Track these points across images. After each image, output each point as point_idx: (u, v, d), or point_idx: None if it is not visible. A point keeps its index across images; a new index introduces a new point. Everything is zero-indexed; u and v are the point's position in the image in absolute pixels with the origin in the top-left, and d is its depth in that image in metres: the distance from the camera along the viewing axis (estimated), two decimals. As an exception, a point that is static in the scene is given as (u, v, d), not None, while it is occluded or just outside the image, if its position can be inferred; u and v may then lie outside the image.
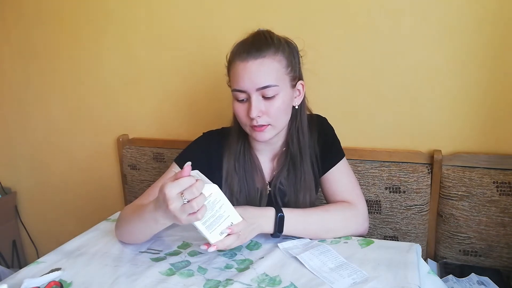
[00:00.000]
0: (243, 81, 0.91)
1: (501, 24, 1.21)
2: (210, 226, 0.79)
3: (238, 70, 0.91)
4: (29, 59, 1.80)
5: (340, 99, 1.39)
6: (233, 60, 0.94)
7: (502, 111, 1.26)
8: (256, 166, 1.05)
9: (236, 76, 0.92)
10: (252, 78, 0.90)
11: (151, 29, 1.57)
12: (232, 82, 0.95)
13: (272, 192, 1.05)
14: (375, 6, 1.30)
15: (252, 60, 0.90)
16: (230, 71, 0.95)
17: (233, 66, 0.93)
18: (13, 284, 0.81)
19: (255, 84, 0.90)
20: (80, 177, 1.87)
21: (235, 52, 0.94)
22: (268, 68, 0.90)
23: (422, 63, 1.30)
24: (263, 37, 0.93)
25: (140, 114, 1.69)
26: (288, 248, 0.91)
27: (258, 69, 0.90)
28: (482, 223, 1.27)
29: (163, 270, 0.86)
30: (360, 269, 0.82)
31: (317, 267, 0.83)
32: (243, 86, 0.91)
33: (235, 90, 0.93)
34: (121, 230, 0.96)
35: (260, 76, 0.90)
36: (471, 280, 1.22)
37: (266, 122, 0.93)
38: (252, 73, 0.90)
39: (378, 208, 1.35)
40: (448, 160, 1.30)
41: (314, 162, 1.04)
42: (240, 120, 0.96)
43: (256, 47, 0.91)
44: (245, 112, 0.93)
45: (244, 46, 0.93)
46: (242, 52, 0.91)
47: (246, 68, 0.90)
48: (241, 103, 0.94)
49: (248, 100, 0.92)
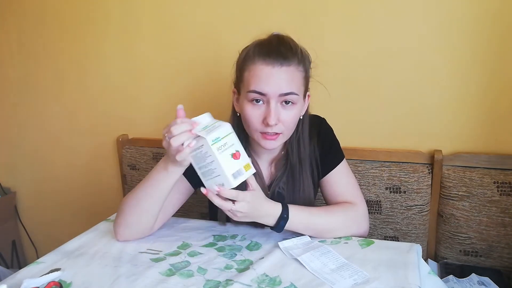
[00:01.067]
0: (267, 84, 0.88)
1: (501, 24, 1.20)
2: (204, 174, 0.82)
3: (260, 72, 0.89)
4: (29, 59, 1.80)
5: (340, 99, 1.39)
6: (252, 61, 0.90)
7: (502, 111, 1.26)
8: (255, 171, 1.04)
9: (257, 78, 0.89)
10: (276, 83, 0.88)
11: (151, 29, 1.57)
12: (249, 83, 0.90)
13: (270, 197, 1.05)
14: (376, 6, 1.30)
15: (278, 66, 0.88)
16: (247, 71, 0.92)
17: (253, 67, 0.90)
18: (12, 284, 0.81)
19: (279, 90, 0.88)
20: (80, 177, 1.86)
21: (256, 52, 0.91)
22: (292, 76, 0.90)
23: (423, 63, 1.30)
24: (288, 44, 0.92)
25: (139, 114, 1.69)
26: (289, 248, 0.91)
27: (284, 76, 0.89)
28: (483, 223, 1.27)
29: (163, 270, 0.86)
30: (361, 270, 0.82)
31: (318, 268, 0.83)
32: (265, 90, 0.88)
33: (254, 91, 0.89)
34: (124, 216, 0.94)
35: (285, 82, 0.89)
36: (472, 281, 1.22)
37: (279, 131, 0.92)
38: (277, 79, 0.88)
39: (378, 208, 1.35)
40: (449, 160, 1.30)
41: (314, 168, 1.03)
42: (251, 124, 0.92)
43: (284, 54, 0.89)
44: (259, 117, 0.91)
45: (268, 49, 0.90)
46: (266, 55, 0.89)
47: (271, 72, 0.88)
48: (256, 107, 0.91)
49: (266, 105, 0.90)
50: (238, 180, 0.81)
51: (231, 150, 0.80)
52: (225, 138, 0.79)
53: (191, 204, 1.52)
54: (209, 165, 0.80)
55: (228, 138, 0.80)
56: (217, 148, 0.78)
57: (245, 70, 0.92)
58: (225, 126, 0.81)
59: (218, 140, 0.78)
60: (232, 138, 0.81)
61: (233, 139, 0.81)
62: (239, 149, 0.82)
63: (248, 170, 0.83)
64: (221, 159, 0.78)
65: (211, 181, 0.82)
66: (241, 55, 0.96)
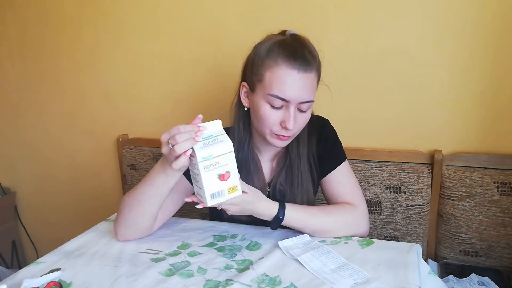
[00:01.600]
0: (291, 90, 0.88)
1: (501, 23, 1.20)
2: (193, 178, 0.83)
3: (285, 77, 0.88)
4: (28, 59, 1.80)
5: (340, 99, 1.39)
6: (276, 61, 0.89)
7: (502, 111, 1.26)
8: (257, 166, 1.05)
9: (281, 83, 0.88)
10: (300, 90, 0.89)
11: (151, 29, 1.57)
12: (271, 85, 0.89)
13: (271, 193, 1.05)
14: (376, 6, 1.30)
15: (302, 72, 0.88)
16: (269, 71, 0.90)
17: (277, 68, 0.88)
18: (12, 284, 0.81)
19: (301, 97, 0.89)
20: (80, 178, 1.86)
21: (280, 53, 0.89)
22: (312, 83, 0.91)
23: (423, 63, 1.30)
24: (310, 49, 0.91)
25: (139, 114, 1.69)
26: (289, 247, 0.91)
27: (306, 83, 0.89)
28: (483, 223, 1.27)
29: (162, 270, 0.86)
30: (361, 270, 0.82)
31: (318, 268, 0.83)
32: (288, 96, 0.88)
33: (276, 96, 0.89)
34: (124, 216, 0.95)
35: (307, 90, 0.90)
36: (472, 281, 1.22)
37: (292, 133, 0.94)
38: (301, 86, 0.89)
39: (378, 208, 1.35)
40: (449, 160, 1.30)
41: (312, 164, 1.04)
42: (266, 125, 0.93)
43: (307, 60, 0.89)
44: (277, 119, 0.91)
45: (293, 52, 0.89)
46: (292, 58, 0.88)
47: (295, 79, 0.88)
48: (274, 109, 0.91)
49: (286, 110, 0.91)
50: (216, 200, 0.81)
51: (220, 170, 0.79)
52: (218, 157, 0.78)
53: (191, 204, 1.52)
54: (196, 175, 0.80)
55: (223, 157, 0.79)
56: (204, 166, 0.77)
57: (267, 69, 0.90)
58: (225, 143, 0.79)
59: (210, 158, 0.77)
60: (227, 158, 0.79)
61: (228, 159, 0.80)
62: (230, 170, 0.80)
63: (232, 192, 0.82)
64: (205, 177, 0.78)
65: (195, 187, 0.83)
66: (259, 50, 0.93)
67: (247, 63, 0.98)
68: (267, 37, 0.96)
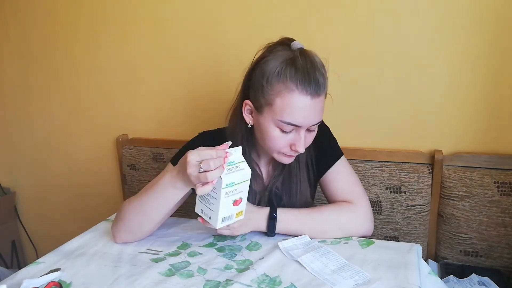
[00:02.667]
0: (303, 117, 0.86)
1: (501, 24, 1.20)
2: (201, 197, 0.82)
3: (297, 104, 0.85)
4: (28, 59, 1.80)
5: (340, 99, 1.39)
6: (287, 87, 0.84)
7: (502, 111, 1.26)
8: (257, 173, 1.04)
9: (294, 109, 0.85)
10: (312, 115, 0.87)
11: (150, 28, 1.57)
12: (282, 111, 0.86)
13: (268, 197, 1.05)
14: (376, 6, 1.29)
15: (315, 97, 0.86)
16: (280, 97, 0.85)
17: (290, 95, 0.85)
18: (12, 284, 0.81)
19: (311, 122, 0.88)
20: (80, 177, 1.86)
21: (292, 77, 0.84)
22: (322, 106, 0.90)
23: (423, 63, 1.29)
24: (321, 71, 0.88)
25: (139, 114, 1.68)
26: (289, 248, 0.91)
27: (318, 107, 0.88)
28: (483, 223, 1.26)
29: (162, 270, 0.86)
30: (362, 270, 0.81)
31: (319, 269, 0.83)
32: (300, 122, 0.87)
33: (289, 123, 0.86)
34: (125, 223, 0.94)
35: (318, 113, 0.89)
36: (472, 281, 1.22)
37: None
38: (312, 111, 0.87)
39: (378, 208, 1.35)
40: (449, 160, 1.30)
41: (310, 166, 1.03)
42: (275, 147, 0.91)
43: (319, 85, 0.85)
44: (287, 142, 0.90)
45: (305, 77, 0.84)
46: (305, 84, 0.84)
47: (307, 105, 0.85)
48: (284, 133, 0.89)
49: (296, 132, 0.89)
50: (225, 223, 0.82)
51: (236, 196, 0.80)
52: (238, 185, 0.79)
53: (191, 204, 1.51)
54: (210, 198, 0.80)
55: (241, 185, 0.80)
56: (225, 193, 0.77)
57: (277, 94, 0.86)
58: (245, 171, 0.80)
59: (232, 185, 0.78)
60: (244, 185, 0.81)
61: (245, 186, 0.81)
62: (243, 197, 0.82)
63: (238, 216, 0.83)
64: (223, 203, 0.78)
65: (203, 206, 0.83)
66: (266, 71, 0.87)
67: (251, 81, 0.92)
68: (271, 51, 0.90)
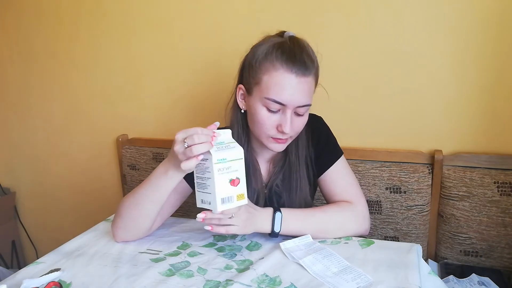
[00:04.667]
0: (288, 95, 0.87)
1: (502, 24, 1.20)
2: (198, 185, 0.82)
3: (283, 82, 0.87)
4: (28, 60, 1.80)
5: (340, 99, 1.39)
6: (273, 65, 0.88)
7: (503, 111, 1.26)
8: (255, 168, 1.04)
9: (279, 87, 0.87)
10: (297, 95, 0.88)
11: (150, 28, 1.57)
12: (268, 90, 0.88)
13: (267, 194, 1.05)
14: (376, 5, 1.29)
15: (300, 76, 0.87)
16: (267, 75, 0.89)
17: (275, 73, 0.87)
18: (12, 284, 0.81)
19: (298, 102, 0.89)
20: (80, 178, 1.86)
21: (278, 57, 0.87)
22: (310, 87, 0.91)
23: (423, 63, 1.29)
24: (308, 52, 0.90)
25: (139, 114, 1.68)
26: (290, 250, 0.90)
27: (304, 87, 0.89)
28: (483, 223, 1.26)
29: (162, 270, 0.86)
30: (364, 273, 0.80)
31: (321, 271, 0.82)
32: (285, 100, 0.88)
33: (273, 100, 0.88)
34: (122, 219, 0.95)
35: (304, 94, 0.89)
36: (472, 281, 1.22)
37: (289, 136, 0.94)
38: (298, 90, 0.88)
39: (378, 208, 1.35)
40: (449, 160, 1.30)
41: (309, 165, 1.04)
42: (263, 129, 0.92)
43: (306, 64, 0.88)
44: (274, 123, 0.91)
45: (291, 56, 0.87)
46: (290, 62, 0.87)
47: (293, 83, 0.87)
48: (271, 113, 0.90)
49: (282, 113, 0.90)
50: (225, 206, 0.80)
51: (232, 175, 0.79)
52: (231, 162, 0.79)
53: (191, 204, 1.51)
54: (205, 180, 0.80)
55: (235, 162, 0.79)
56: (218, 169, 0.77)
57: (264, 73, 0.89)
58: (237, 149, 0.80)
59: (224, 161, 0.78)
60: (238, 164, 0.80)
61: (239, 165, 0.80)
62: (240, 177, 0.81)
63: (240, 200, 0.82)
64: (218, 180, 0.78)
65: (202, 194, 0.82)
66: (256, 53, 0.91)
67: (244, 65, 0.96)
68: (265, 39, 0.94)
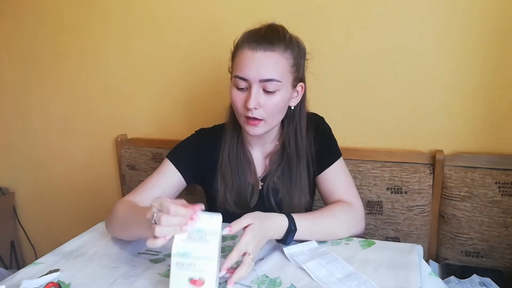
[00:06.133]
0: (248, 69, 0.90)
1: (502, 23, 1.20)
2: None
3: (244, 58, 0.91)
4: (28, 60, 1.80)
5: (341, 99, 1.39)
6: (241, 47, 0.93)
7: (504, 111, 1.26)
8: (248, 161, 1.05)
9: (242, 63, 0.91)
10: (258, 68, 0.90)
11: (150, 28, 1.57)
12: (235, 68, 0.94)
13: (264, 189, 1.05)
14: (377, 5, 1.29)
15: (262, 51, 0.89)
16: (236, 57, 0.94)
17: (240, 52, 0.92)
18: (11, 285, 0.80)
19: (260, 75, 0.90)
20: (79, 178, 1.86)
21: (245, 39, 0.93)
22: (275, 62, 0.91)
23: (424, 63, 1.29)
24: (276, 31, 0.93)
25: (138, 114, 1.68)
26: (294, 254, 0.87)
27: (266, 61, 0.90)
28: (484, 223, 1.26)
29: (162, 271, 0.85)
30: (369, 280, 0.78)
31: (324, 277, 0.79)
32: (247, 75, 0.90)
33: (238, 77, 0.92)
34: (112, 225, 0.96)
35: (267, 68, 0.90)
36: (473, 281, 1.21)
37: (260, 117, 0.93)
38: (259, 63, 0.89)
39: (379, 208, 1.34)
40: (450, 160, 1.29)
41: (310, 163, 1.03)
42: (236, 109, 0.95)
43: (268, 39, 0.90)
44: (242, 101, 0.93)
45: (255, 35, 0.92)
46: (253, 41, 0.91)
47: (254, 58, 0.90)
48: (240, 91, 0.93)
49: (248, 90, 0.92)
50: None
51: (193, 274, 0.67)
52: (197, 260, 0.67)
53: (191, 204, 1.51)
54: None
55: (202, 262, 0.67)
56: (176, 262, 0.67)
57: (235, 56, 0.95)
58: (212, 246, 0.68)
59: (186, 256, 0.67)
60: (207, 265, 0.67)
61: (208, 266, 0.68)
62: (206, 279, 0.67)
63: None
64: (173, 274, 0.68)
65: None
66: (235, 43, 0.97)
67: None
68: None
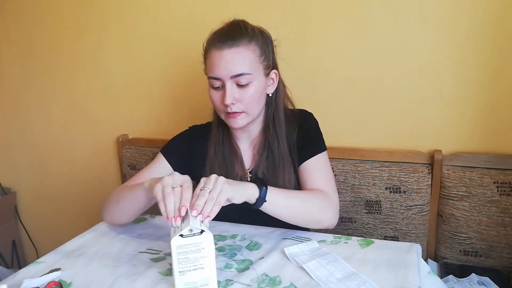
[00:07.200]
0: (218, 69, 0.94)
1: (502, 24, 1.20)
2: None
3: (213, 59, 0.95)
4: (28, 59, 1.80)
5: (340, 99, 1.39)
6: (208, 49, 0.97)
7: (502, 111, 1.26)
8: (235, 153, 1.07)
9: (212, 64, 0.96)
10: (226, 66, 0.94)
11: (151, 29, 1.57)
12: (208, 70, 0.99)
13: (253, 179, 1.06)
14: (376, 5, 1.30)
15: (227, 49, 0.93)
16: (206, 59, 0.99)
17: (209, 54, 0.97)
18: (12, 284, 0.81)
19: (230, 72, 0.94)
20: (80, 177, 1.86)
21: (210, 41, 0.97)
22: (242, 56, 0.94)
23: (423, 63, 1.29)
24: (238, 26, 0.97)
25: (139, 114, 1.69)
26: (294, 254, 0.88)
27: (233, 57, 0.94)
28: (483, 223, 1.27)
29: (162, 270, 0.86)
30: (369, 280, 0.78)
31: (324, 277, 0.80)
32: (218, 74, 0.95)
33: (211, 77, 0.97)
34: (108, 204, 1.02)
35: (235, 64, 0.94)
36: (472, 281, 1.22)
37: (239, 110, 0.97)
38: (227, 61, 0.94)
39: (378, 208, 1.35)
40: (449, 160, 1.30)
41: (292, 150, 1.05)
42: (216, 107, 1.01)
43: (231, 36, 0.94)
44: (220, 99, 0.97)
45: (219, 35, 0.96)
46: (217, 41, 0.95)
47: (221, 57, 0.94)
48: (217, 90, 0.98)
49: (223, 87, 0.96)
50: None
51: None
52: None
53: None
54: None
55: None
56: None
57: (206, 58, 1.00)
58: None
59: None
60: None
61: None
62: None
63: None
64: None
65: None
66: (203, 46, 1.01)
67: None
68: None
